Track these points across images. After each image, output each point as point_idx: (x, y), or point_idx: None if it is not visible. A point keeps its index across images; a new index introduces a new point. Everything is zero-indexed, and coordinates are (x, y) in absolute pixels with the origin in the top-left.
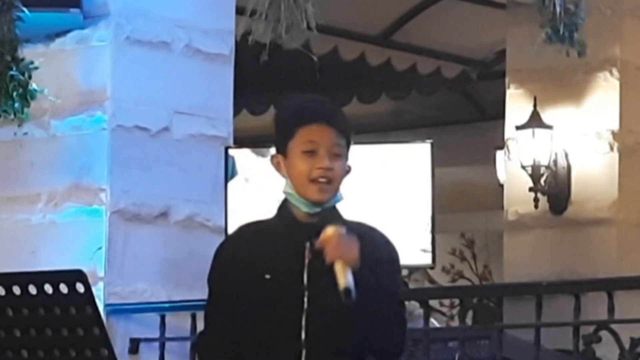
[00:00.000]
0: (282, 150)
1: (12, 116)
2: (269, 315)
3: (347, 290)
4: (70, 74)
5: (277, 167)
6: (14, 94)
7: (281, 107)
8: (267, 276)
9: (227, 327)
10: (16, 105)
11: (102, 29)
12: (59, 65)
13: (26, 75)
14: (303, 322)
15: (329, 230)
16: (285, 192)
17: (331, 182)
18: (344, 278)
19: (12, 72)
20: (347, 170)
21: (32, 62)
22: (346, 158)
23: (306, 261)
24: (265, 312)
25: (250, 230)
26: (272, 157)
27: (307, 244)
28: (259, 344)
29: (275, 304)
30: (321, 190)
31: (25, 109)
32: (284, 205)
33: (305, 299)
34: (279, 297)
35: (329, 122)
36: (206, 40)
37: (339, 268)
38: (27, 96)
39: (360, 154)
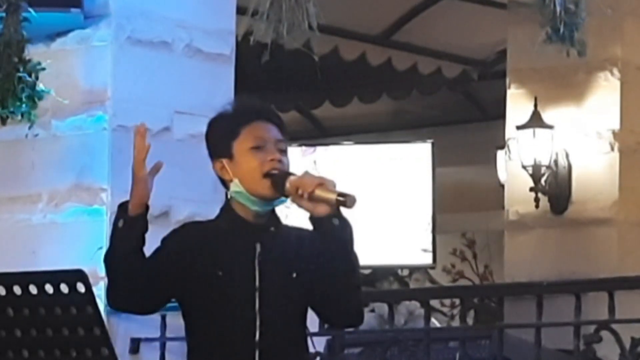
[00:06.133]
0: (225, 154)
1: (20, 117)
2: (222, 312)
3: (342, 195)
4: (71, 74)
5: (222, 171)
6: (22, 95)
7: (215, 116)
8: (220, 273)
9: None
10: (24, 106)
11: (103, 29)
12: (59, 65)
13: (33, 76)
14: (257, 323)
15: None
16: (233, 192)
17: None
18: (333, 193)
19: (19, 74)
20: None
21: (39, 63)
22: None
23: (257, 262)
24: (218, 308)
25: (198, 228)
26: (214, 162)
27: (258, 245)
28: (213, 341)
29: (228, 301)
30: (273, 184)
31: (33, 111)
32: (228, 207)
33: (257, 300)
34: (231, 294)
35: (271, 120)
36: (207, 40)
37: (321, 192)
38: (34, 97)
39: (361, 154)
